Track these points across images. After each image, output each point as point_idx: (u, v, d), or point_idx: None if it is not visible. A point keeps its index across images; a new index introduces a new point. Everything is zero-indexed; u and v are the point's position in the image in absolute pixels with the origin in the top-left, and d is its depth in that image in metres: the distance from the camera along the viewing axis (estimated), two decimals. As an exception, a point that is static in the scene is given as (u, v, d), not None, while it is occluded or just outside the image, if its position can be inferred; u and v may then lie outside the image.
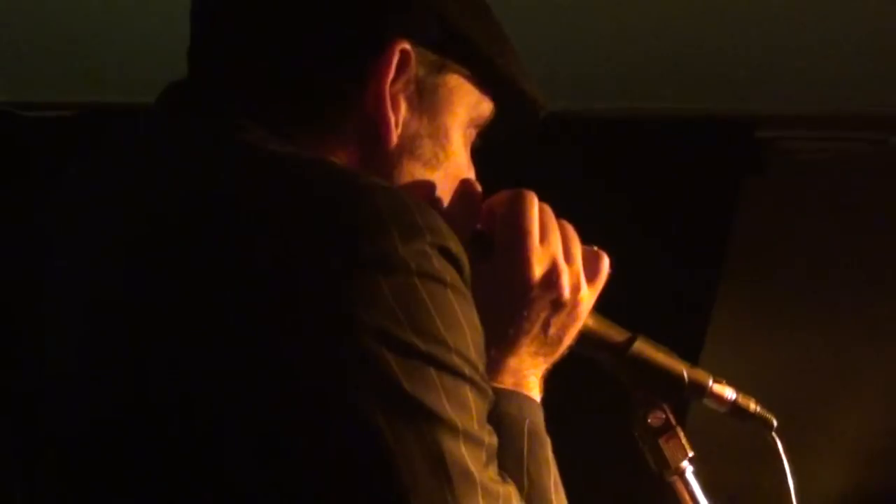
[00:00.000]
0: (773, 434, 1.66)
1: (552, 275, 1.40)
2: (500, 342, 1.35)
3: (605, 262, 1.47)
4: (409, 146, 1.36)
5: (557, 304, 1.41)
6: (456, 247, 1.18)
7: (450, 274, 1.16)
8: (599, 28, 2.93)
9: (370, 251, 1.13)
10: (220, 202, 1.18)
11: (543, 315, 1.40)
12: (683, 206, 3.25)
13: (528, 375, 1.40)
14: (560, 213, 1.45)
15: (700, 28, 2.90)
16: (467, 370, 1.15)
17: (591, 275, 1.45)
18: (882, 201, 3.30)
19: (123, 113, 3.15)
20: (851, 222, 3.30)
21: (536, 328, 1.40)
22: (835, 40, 2.92)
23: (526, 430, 1.32)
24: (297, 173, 1.20)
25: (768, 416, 1.66)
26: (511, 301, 1.38)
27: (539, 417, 1.37)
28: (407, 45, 1.32)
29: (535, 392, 1.40)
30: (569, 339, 1.44)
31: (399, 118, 1.33)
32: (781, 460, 1.66)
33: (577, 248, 1.43)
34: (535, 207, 1.41)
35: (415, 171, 1.37)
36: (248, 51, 1.33)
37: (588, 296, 1.45)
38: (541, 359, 1.42)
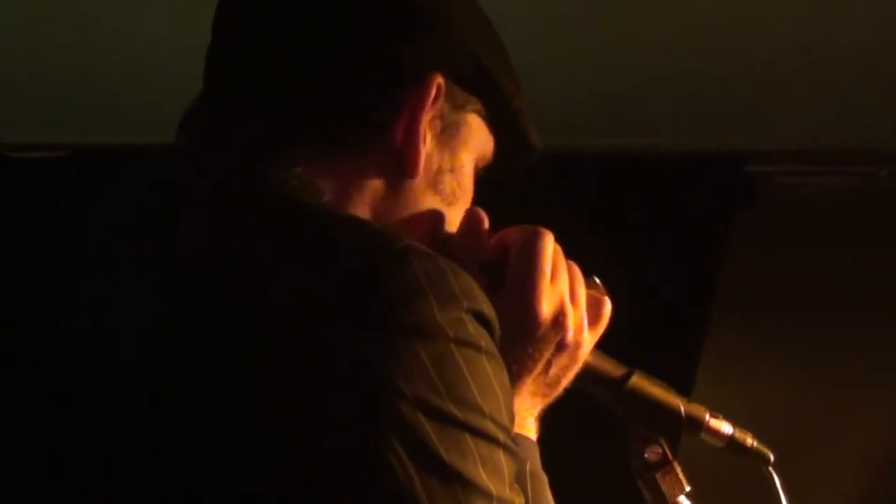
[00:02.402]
0: (770, 469, 1.66)
1: (560, 315, 1.40)
2: None
3: (607, 308, 1.47)
4: (432, 181, 1.37)
5: (561, 345, 1.41)
6: (489, 310, 1.19)
7: (484, 339, 1.17)
8: (588, 65, 2.94)
9: (409, 319, 1.13)
10: (259, 266, 1.18)
11: (547, 355, 1.41)
12: (675, 240, 3.25)
13: (526, 416, 1.41)
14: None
15: (691, 63, 2.91)
16: (501, 436, 1.17)
17: (593, 319, 1.45)
18: (873, 234, 3.30)
19: (112, 154, 3.15)
20: (842, 255, 3.30)
21: (539, 367, 1.40)
22: (825, 75, 2.93)
23: (528, 472, 1.32)
24: (334, 236, 1.20)
25: (765, 450, 1.66)
26: (518, 338, 1.38)
27: (537, 457, 1.38)
28: (441, 80, 1.33)
29: (531, 432, 1.41)
30: (567, 380, 1.45)
31: (425, 152, 1.34)
32: (779, 495, 1.66)
33: (582, 290, 1.44)
34: (550, 246, 1.41)
35: (435, 206, 1.38)
36: (280, 78, 1.32)
37: (589, 339, 1.45)
38: (539, 399, 1.43)
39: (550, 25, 2.78)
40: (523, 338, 1.39)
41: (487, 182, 1.46)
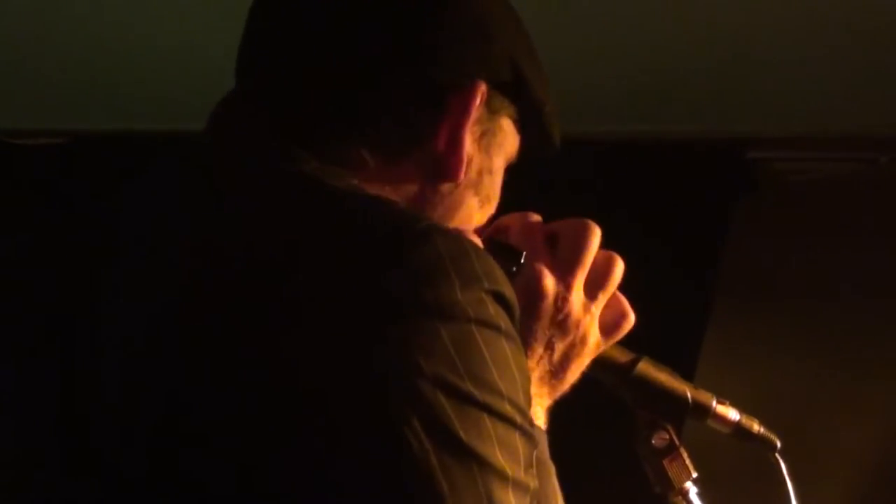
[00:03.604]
0: (777, 455, 1.66)
1: (560, 294, 1.43)
2: None
3: (629, 322, 1.51)
4: (473, 183, 1.38)
5: (563, 326, 1.41)
6: (509, 292, 1.19)
7: (503, 320, 1.18)
8: (589, 51, 2.94)
9: (431, 298, 1.14)
10: (280, 244, 1.18)
11: (550, 333, 1.41)
12: (676, 226, 3.25)
13: (535, 404, 1.41)
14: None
15: (691, 50, 2.91)
16: (518, 418, 1.17)
17: (612, 328, 1.49)
18: (874, 220, 3.30)
19: (114, 141, 3.15)
20: (843, 242, 3.30)
21: (541, 347, 1.41)
22: (826, 61, 2.93)
23: (535, 459, 1.32)
24: (356, 214, 1.21)
25: (772, 437, 1.66)
26: (524, 315, 1.39)
27: (545, 446, 1.39)
28: (484, 87, 1.34)
29: (540, 421, 1.42)
30: (573, 371, 1.45)
31: (467, 157, 1.35)
32: (785, 481, 1.66)
33: (610, 284, 1.49)
34: (597, 245, 1.47)
35: (472, 208, 1.40)
36: (320, 82, 1.33)
37: (598, 338, 1.48)
38: (546, 388, 1.43)
39: (549, 14, 2.78)
40: (527, 310, 1.41)
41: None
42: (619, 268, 1.48)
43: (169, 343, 1.17)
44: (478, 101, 1.33)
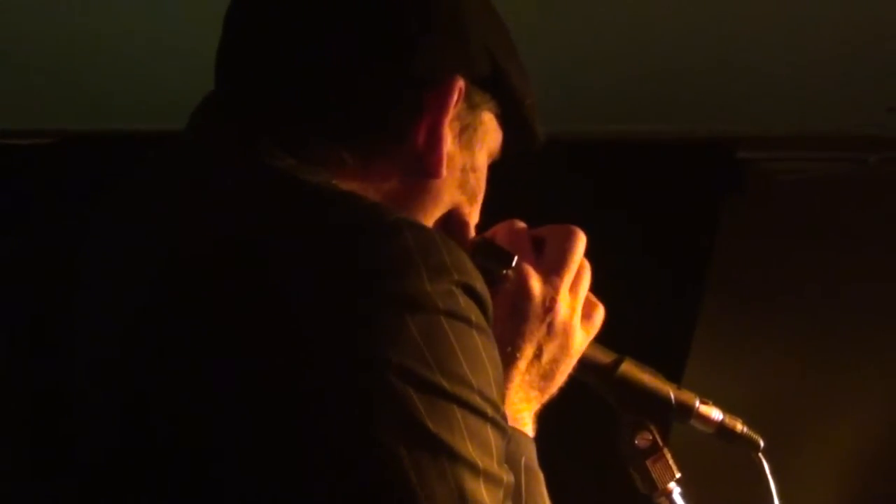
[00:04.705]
0: (760, 455, 1.66)
1: (547, 297, 1.43)
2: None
3: (600, 315, 1.50)
4: (458, 180, 1.38)
5: (551, 329, 1.41)
6: (480, 285, 1.19)
7: (474, 313, 1.17)
8: (580, 50, 2.94)
9: (399, 290, 1.13)
10: (250, 238, 1.18)
11: (539, 335, 1.41)
12: (665, 226, 3.25)
13: (522, 410, 1.41)
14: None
15: (681, 50, 2.91)
16: (489, 410, 1.16)
17: (586, 321, 1.47)
18: (862, 221, 3.31)
19: (100, 141, 3.15)
20: (832, 242, 3.31)
21: (531, 351, 1.41)
22: (815, 62, 2.93)
23: (523, 466, 1.32)
24: (326, 208, 1.20)
25: (755, 436, 1.66)
26: (513, 318, 1.40)
27: (533, 453, 1.38)
28: (462, 82, 1.33)
29: (528, 428, 1.41)
30: (560, 375, 1.45)
31: (447, 153, 1.34)
32: (768, 481, 1.66)
33: (584, 286, 1.47)
34: (582, 250, 1.46)
35: (460, 205, 1.40)
36: (297, 81, 1.32)
37: (582, 338, 1.47)
38: (534, 392, 1.43)
39: (543, 16, 2.79)
40: (517, 316, 1.41)
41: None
42: (588, 269, 1.48)
43: (142, 337, 1.17)
44: (455, 96, 1.33)
